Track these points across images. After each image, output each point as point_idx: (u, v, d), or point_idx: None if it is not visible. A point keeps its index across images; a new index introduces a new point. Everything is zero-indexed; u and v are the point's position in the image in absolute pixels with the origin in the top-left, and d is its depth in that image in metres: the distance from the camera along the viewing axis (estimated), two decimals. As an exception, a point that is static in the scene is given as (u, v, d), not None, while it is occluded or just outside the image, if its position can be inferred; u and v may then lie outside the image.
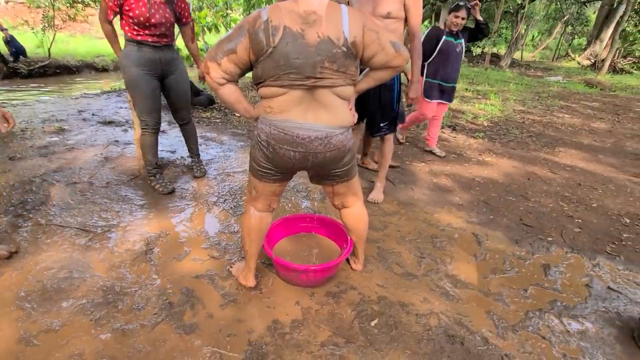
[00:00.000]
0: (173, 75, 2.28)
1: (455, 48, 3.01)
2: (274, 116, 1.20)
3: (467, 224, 2.26)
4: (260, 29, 1.09)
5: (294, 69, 1.11)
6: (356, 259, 1.74)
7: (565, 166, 3.40)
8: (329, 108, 1.20)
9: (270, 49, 1.09)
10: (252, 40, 1.11)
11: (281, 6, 1.11)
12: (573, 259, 1.97)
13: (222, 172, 2.79)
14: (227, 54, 1.14)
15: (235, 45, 1.12)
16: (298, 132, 1.19)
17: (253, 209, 1.45)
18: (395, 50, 1.20)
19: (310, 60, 1.11)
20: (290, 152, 1.22)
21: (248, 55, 1.14)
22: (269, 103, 1.20)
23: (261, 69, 1.14)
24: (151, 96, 2.19)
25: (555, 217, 2.41)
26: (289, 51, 1.09)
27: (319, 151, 1.23)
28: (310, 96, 1.18)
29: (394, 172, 2.98)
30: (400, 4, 1.93)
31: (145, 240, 1.89)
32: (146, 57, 2.10)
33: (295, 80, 1.13)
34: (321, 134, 1.21)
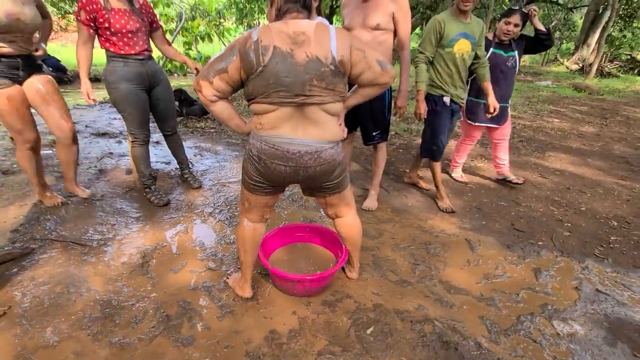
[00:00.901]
0: (159, 86, 2.31)
1: (506, 62, 2.57)
2: (264, 132, 1.24)
3: (460, 230, 2.30)
4: (251, 49, 1.13)
5: (283, 87, 1.15)
6: (351, 267, 1.77)
7: (555, 170, 3.47)
8: (318, 124, 1.24)
9: (261, 67, 1.13)
10: (243, 60, 1.15)
11: (271, 27, 1.16)
12: (563, 263, 2.02)
13: (217, 182, 2.81)
14: (219, 73, 1.17)
15: (226, 65, 1.16)
16: (288, 147, 1.23)
17: (246, 220, 1.48)
18: (381, 68, 1.24)
19: (299, 79, 1.15)
20: (281, 166, 1.25)
21: (239, 74, 1.18)
22: (259, 120, 1.24)
23: (252, 87, 1.18)
24: (142, 110, 2.21)
25: (545, 222, 2.46)
26: (278, 70, 1.13)
27: (310, 165, 1.26)
28: (300, 113, 1.21)
29: (388, 180, 3.02)
30: (389, 16, 1.99)
31: (142, 253, 1.90)
32: (133, 72, 2.12)
33: (284, 97, 1.17)
34: (311, 149, 1.24)
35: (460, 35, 2.20)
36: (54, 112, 2.07)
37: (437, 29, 2.21)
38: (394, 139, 4.21)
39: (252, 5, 9.66)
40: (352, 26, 2.05)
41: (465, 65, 2.30)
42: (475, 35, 2.23)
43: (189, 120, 4.52)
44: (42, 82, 2.02)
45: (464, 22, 2.21)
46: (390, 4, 1.97)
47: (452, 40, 2.21)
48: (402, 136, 4.36)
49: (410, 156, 3.67)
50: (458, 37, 2.20)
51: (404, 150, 3.87)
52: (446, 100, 2.35)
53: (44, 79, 2.05)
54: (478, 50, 2.30)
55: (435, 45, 2.26)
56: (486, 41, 2.53)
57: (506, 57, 2.57)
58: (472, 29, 2.21)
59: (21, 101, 1.97)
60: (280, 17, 1.21)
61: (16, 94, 1.94)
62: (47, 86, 2.04)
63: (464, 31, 2.20)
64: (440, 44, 2.25)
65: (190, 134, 4.06)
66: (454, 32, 2.19)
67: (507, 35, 2.48)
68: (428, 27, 2.27)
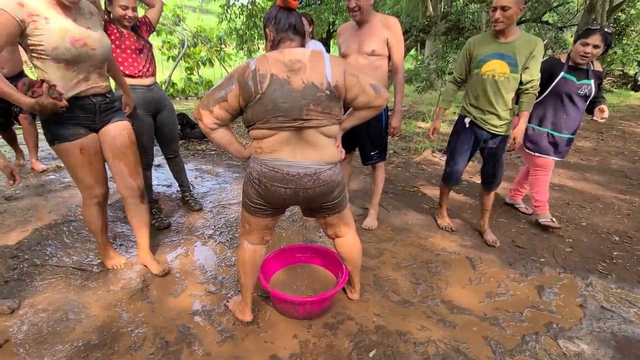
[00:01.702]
0: (164, 111, 2.37)
1: (577, 90, 2.22)
2: (264, 156, 1.27)
3: (461, 247, 2.29)
4: (249, 78, 1.18)
5: (281, 112, 1.19)
6: (352, 288, 1.75)
7: (554, 185, 3.48)
8: (316, 146, 1.27)
9: (259, 95, 1.18)
10: (241, 88, 1.19)
11: (268, 56, 1.21)
12: (566, 280, 2.00)
13: (217, 204, 2.83)
14: (219, 101, 1.22)
15: (226, 94, 1.21)
16: (288, 170, 1.25)
17: (247, 242, 1.48)
18: (375, 91, 1.30)
19: (296, 104, 1.19)
20: (282, 189, 1.28)
21: (238, 102, 1.22)
22: (259, 144, 1.27)
23: (251, 114, 1.22)
24: (147, 135, 2.27)
25: (546, 238, 2.45)
26: (276, 96, 1.18)
27: (309, 187, 1.29)
28: (298, 136, 1.25)
29: (388, 198, 3.03)
30: (384, 42, 2.07)
31: (142, 278, 1.89)
32: (141, 98, 2.18)
33: (283, 122, 1.21)
34: (310, 171, 1.27)
35: (492, 55, 1.99)
36: (123, 168, 1.75)
37: (467, 50, 2.13)
38: (392, 158, 4.25)
39: (252, 32, 9.97)
40: (349, 52, 2.13)
41: (498, 88, 2.02)
42: (514, 56, 1.94)
43: (190, 143, 4.59)
44: (118, 130, 1.70)
45: (499, 42, 1.98)
46: (384, 30, 2.05)
47: (480, 61, 2.04)
48: (401, 155, 4.41)
49: (409, 174, 3.70)
50: (488, 57, 2.01)
51: (402, 168, 3.90)
52: (466, 122, 2.20)
53: (121, 127, 1.72)
54: (524, 73, 1.98)
55: (465, 66, 2.16)
56: (556, 63, 2.26)
57: (578, 85, 2.22)
58: (512, 48, 1.94)
59: (95, 153, 1.66)
60: (276, 47, 1.27)
61: (90, 144, 1.63)
62: (123, 137, 1.72)
63: (498, 51, 1.98)
64: (470, 66, 2.14)
65: (191, 156, 4.11)
66: (484, 53, 2.02)
67: (584, 58, 2.15)
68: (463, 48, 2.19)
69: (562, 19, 16.11)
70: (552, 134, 2.34)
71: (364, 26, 2.08)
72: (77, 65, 1.50)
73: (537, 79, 1.99)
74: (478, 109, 2.14)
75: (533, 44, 1.93)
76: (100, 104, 1.64)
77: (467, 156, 2.27)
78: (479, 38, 2.11)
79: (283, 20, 1.24)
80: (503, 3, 1.86)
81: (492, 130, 2.13)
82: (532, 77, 1.98)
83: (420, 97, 7.99)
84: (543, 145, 2.39)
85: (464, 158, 2.27)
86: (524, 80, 2.00)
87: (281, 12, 1.25)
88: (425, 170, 3.84)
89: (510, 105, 2.07)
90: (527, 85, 2.00)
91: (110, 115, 1.71)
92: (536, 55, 1.94)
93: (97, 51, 1.54)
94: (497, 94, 2.04)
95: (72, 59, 1.47)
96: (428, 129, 2.25)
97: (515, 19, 1.91)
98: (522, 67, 1.97)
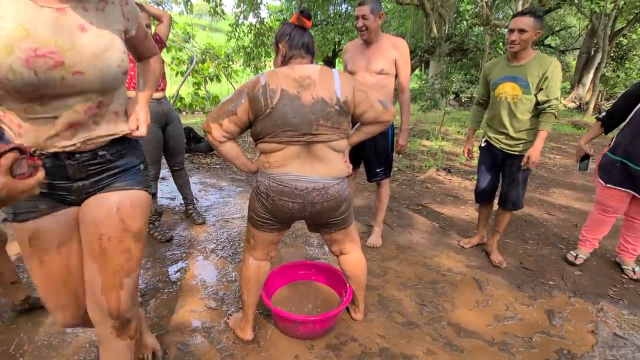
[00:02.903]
0: (172, 124, 2.41)
1: None
2: (272, 170, 1.27)
3: (467, 268, 2.25)
4: (260, 92, 1.19)
5: (291, 127, 1.20)
6: (356, 307, 1.71)
7: (561, 207, 3.44)
8: (324, 161, 1.27)
9: (269, 109, 1.19)
10: (251, 102, 1.20)
11: (278, 72, 1.23)
12: (577, 304, 1.94)
13: (220, 218, 2.81)
14: (228, 115, 1.23)
15: (235, 107, 1.22)
16: (296, 184, 1.25)
17: (251, 258, 1.46)
18: (383, 107, 1.32)
19: (306, 119, 1.20)
20: (289, 203, 1.27)
21: (247, 115, 1.23)
22: (267, 158, 1.27)
23: (260, 127, 1.23)
24: (157, 147, 2.30)
25: (554, 260, 2.40)
26: (286, 111, 1.19)
27: (317, 201, 1.28)
28: (307, 151, 1.25)
29: (392, 216, 3.00)
30: (392, 62, 2.10)
31: (141, 292, 1.86)
32: (152, 111, 2.21)
33: (292, 137, 1.21)
34: (318, 185, 1.26)
35: (505, 78, 2.03)
36: (95, 277, 0.98)
37: (484, 74, 2.20)
38: (396, 175, 4.24)
39: (260, 50, 10.22)
40: (356, 70, 2.15)
41: (511, 109, 2.03)
42: (526, 78, 1.95)
43: (195, 157, 4.62)
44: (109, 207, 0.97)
45: (511, 66, 2.01)
46: (392, 50, 2.09)
47: (493, 85, 2.09)
48: (405, 172, 4.40)
49: (414, 192, 3.67)
50: (501, 80, 2.05)
51: (406, 186, 3.88)
52: (482, 142, 2.29)
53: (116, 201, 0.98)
54: (539, 94, 1.96)
55: (486, 87, 2.21)
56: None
57: None
58: (523, 71, 1.96)
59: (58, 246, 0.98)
60: (286, 63, 1.29)
61: (52, 231, 0.96)
62: (112, 221, 0.97)
63: (510, 74, 2.01)
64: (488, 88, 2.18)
65: (196, 169, 4.13)
66: (497, 76, 2.07)
67: None
68: None
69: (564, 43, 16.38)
70: (627, 164, 2.06)
71: (373, 45, 2.12)
72: (44, 103, 0.82)
73: (554, 98, 1.94)
74: (492, 128, 2.19)
75: (546, 65, 1.92)
76: (87, 163, 0.93)
77: (490, 175, 2.29)
78: (494, 62, 2.17)
79: (297, 38, 1.27)
80: (521, 26, 1.88)
81: (506, 149, 2.13)
82: (548, 97, 1.95)
83: (425, 115, 8.05)
84: (616, 177, 2.13)
85: (486, 177, 2.30)
86: (540, 101, 1.97)
87: (296, 30, 1.28)
88: (430, 189, 3.82)
89: (529, 126, 2.05)
90: (544, 105, 1.97)
91: (109, 179, 0.98)
92: (550, 76, 1.91)
93: (86, 77, 0.83)
94: (511, 115, 2.06)
95: (28, 90, 0.78)
96: (434, 147, 2.22)
97: (530, 42, 1.93)
98: (536, 88, 1.95)
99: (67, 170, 0.92)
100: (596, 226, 2.31)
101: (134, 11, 0.98)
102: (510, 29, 1.92)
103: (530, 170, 2.13)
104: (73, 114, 0.87)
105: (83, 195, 0.98)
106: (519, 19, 1.89)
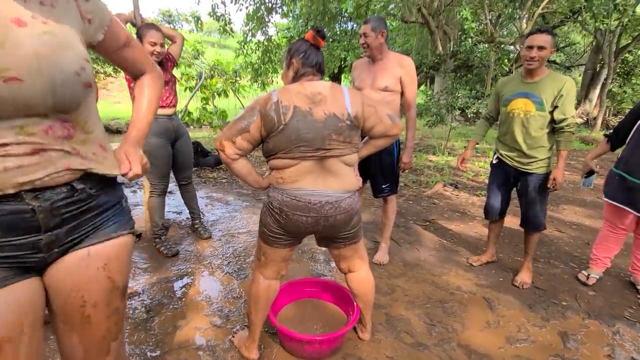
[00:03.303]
0: (182, 139, 2.45)
1: None
2: (286, 185, 1.27)
3: (476, 287, 2.20)
4: (272, 109, 1.21)
5: (305, 142, 1.22)
6: (363, 327, 1.67)
7: (572, 224, 3.38)
8: (337, 175, 1.29)
9: (282, 125, 1.21)
10: (263, 119, 1.22)
11: (289, 89, 1.25)
12: (592, 326, 1.87)
13: (226, 233, 2.81)
14: (241, 132, 1.24)
15: (248, 125, 1.23)
16: (310, 199, 1.25)
17: (261, 276, 1.45)
18: (391, 121, 1.36)
19: (319, 134, 1.22)
20: (303, 217, 1.27)
21: (260, 132, 1.25)
22: (280, 174, 1.28)
23: (273, 144, 1.24)
24: (166, 162, 2.33)
25: (567, 280, 2.34)
26: (299, 127, 1.21)
27: (330, 215, 1.28)
28: (320, 165, 1.27)
29: (399, 232, 2.97)
30: (397, 79, 2.12)
31: (146, 307, 1.85)
32: (163, 127, 2.26)
33: (306, 152, 1.23)
34: (331, 199, 1.27)
35: (518, 95, 2.03)
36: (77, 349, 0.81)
37: (496, 90, 2.21)
38: (403, 191, 4.22)
39: (267, 66, 10.42)
40: (362, 87, 2.18)
41: (524, 126, 2.02)
42: (540, 94, 1.95)
43: (202, 171, 4.66)
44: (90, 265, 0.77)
45: (525, 82, 2.01)
46: (398, 68, 2.11)
47: (506, 100, 2.09)
48: (411, 188, 4.38)
49: (421, 208, 3.65)
50: (513, 97, 2.04)
51: (413, 202, 3.85)
52: (494, 158, 2.27)
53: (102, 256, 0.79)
54: (555, 112, 1.94)
55: (495, 104, 2.23)
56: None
57: None
58: (537, 87, 1.96)
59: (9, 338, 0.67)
60: (297, 79, 1.31)
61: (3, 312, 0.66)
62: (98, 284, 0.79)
63: (523, 91, 2.01)
64: (499, 104, 2.18)
65: (203, 183, 4.16)
66: (510, 92, 2.07)
67: None
68: None
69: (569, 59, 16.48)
70: (625, 178, 2.02)
71: (379, 63, 2.14)
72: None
73: (571, 117, 1.93)
74: (505, 145, 2.17)
75: (560, 83, 1.92)
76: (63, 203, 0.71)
77: (500, 192, 2.27)
78: (507, 79, 2.17)
79: (312, 57, 1.30)
80: (541, 43, 1.88)
81: (519, 167, 2.11)
82: (564, 115, 1.92)
83: (431, 131, 8.07)
84: (617, 192, 2.11)
85: (496, 194, 2.28)
86: (556, 119, 1.96)
87: (311, 49, 1.31)
88: (437, 205, 3.79)
89: (544, 144, 2.03)
90: (561, 124, 1.95)
91: (89, 223, 0.77)
92: (565, 93, 1.90)
93: (27, 85, 0.62)
94: (524, 131, 2.04)
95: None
96: (440, 162, 2.22)
97: (546, 59, 1.94)
98: (551, 106, 1.95)
99: (34, 216, 0.67)
100: (606, 244, 2.27)
101: (97, 10, 0.76)
102: (529, 46, 1.92)
103: (548, 190, 2.08)
104: (28, 137, 0.64)
105: (54, 252, 0.72)
106: (538, 36, 1.89)
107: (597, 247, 2.32)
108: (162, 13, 36.46)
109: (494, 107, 2.25)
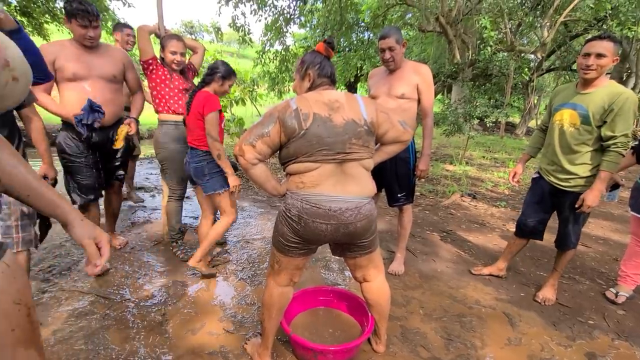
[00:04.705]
0: None
1: None
2: (306, 191, 1.27)
3: (496, 301, 2.12)
4: (292, 116, 1.24)
5: (326, 146, 1.24)
6: (378, 339, 1.63)
7: (598, 238, 3.24)
8: (356, 179, 1.30)
9: (303, 131, 1.23)
10: (283, 125, 1.24)
11: (307, 97, 1.28)
12: (621, 347, 1.77)
13: (241, 239, 2.82)
14: (261, 137, 1.26)
15: (268, 129, 1.25)
16: (330, 205, 1.25)
17: (274, 283, 1.44)
18: (403, 127, 1.41)
19: (339, 139, 1.25)
20: (322, 225, 1.26)
21: (279, 137, 1.27)
22: (300, 179, 1.28)
23: (293, 148, 1.26)
24: (182, 168, 2.36)
25: (593, 297, 2.22)
26: (320, 132, 1.23)
27: (350, 222, 1.27)
28: (340, 169, 1.28)
29: (415, 242, 2.91)
30: (414, 87, 2.10)
31: (162, 311, 1.87)
32: (182, 133, 2.31)
33: (327, 155, 1.25)
34: (352, 205, 1.27)
35: (566, 105, 1.88)
36: None
37: (550, 97, 2.06)
38: (419, 200, 4.15)
39: (284, 75, 10.57)
40: (378, 94, 2.18)
41: (566, 138, 1.89)
42: (587, 107, 1.78)
43: (219, 177, 4.72)
44: None
45: (577, 92, 1.86)
46: (414, 75, 2.10)
47: (554, 110, 1.95)
48: (428, 197, 4.30)
49: (438, 218, 3.57)
50: (561, 107, 1.91)
51: (430, 211, 3.78)
52: (534, 172, 2.15)
53: None
54: (603, 127, 1.77)
55: (549, 113, 2.07)
56: None
57: None
58: (587, 99, 1.80)
59: None
60: (313, 89, 1.35)
61: None
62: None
63: (572, 101, 1.85)
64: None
65: (219, 189, 4.21)
66: (559, 102, 1.94)
67: None
68: None
69: (593, 68, 15.87)
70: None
71: (395, 71, 2.14)
72: None
73: (622, 135, 1.72)
74: (546, 158, 2.04)
75: (614, 96, 1.72)
76: None
77: (537, 209, 2.12)
78: (563, 87, 2.02)
79: (327, 68, 1.37)
80: (600, 50, 1.71)
81: (556, 184, 1.97)
82: (613, 132, 1.73)
83: (448, 140, 7.96)
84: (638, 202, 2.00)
85: (533, 210, 2.13)
86: (604, 136, 1.77)
87: (325, 60, 1.37)
88: (454, 215, 3.71)
89: (587, 161, 1.86)
90: (608, 142, 1.76)
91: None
92: (618, 108, 1.70)
93: None
94: (565, 145, 1.90)
95: None
96: (457, 172, 2.15)
97: (606, 69, 1.76)
98: (599, 120, 1.77)
99: None
100: (635, 260, 2.15)
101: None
102: (586, 54, 1.76)
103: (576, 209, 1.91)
104: None
105: None
106: (597, 42, 1.72)
107: (626, 263, 2.20)
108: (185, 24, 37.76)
109: (548, 116, 2.08)
